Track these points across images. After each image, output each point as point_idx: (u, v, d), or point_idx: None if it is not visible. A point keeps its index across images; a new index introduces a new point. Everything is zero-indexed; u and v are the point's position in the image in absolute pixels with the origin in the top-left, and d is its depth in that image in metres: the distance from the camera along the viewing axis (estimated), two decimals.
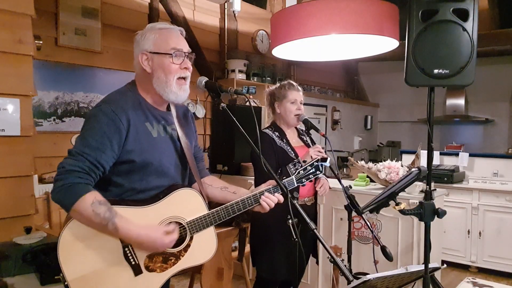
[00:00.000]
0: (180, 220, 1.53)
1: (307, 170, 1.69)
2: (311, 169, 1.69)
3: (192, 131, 1.73)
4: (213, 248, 1.59)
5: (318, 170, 1.70)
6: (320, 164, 1.70)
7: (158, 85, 1.52)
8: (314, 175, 1.70)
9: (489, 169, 4.49)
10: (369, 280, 1.29)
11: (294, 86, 2.52)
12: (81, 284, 1.42)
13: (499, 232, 4.11)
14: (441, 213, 1.78)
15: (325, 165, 1.71)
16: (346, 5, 2.89)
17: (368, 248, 3.05)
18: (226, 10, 4.92)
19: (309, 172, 1.69)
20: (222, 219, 1.57)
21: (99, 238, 1.43)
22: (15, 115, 2.55)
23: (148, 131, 1.53)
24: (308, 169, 1.69)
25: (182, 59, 1.53)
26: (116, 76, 3.85)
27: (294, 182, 1.66)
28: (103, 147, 1.42)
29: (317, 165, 1.70)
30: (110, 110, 1.45)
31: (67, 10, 3.51)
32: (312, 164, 1.70)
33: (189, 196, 1.57)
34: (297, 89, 2.51)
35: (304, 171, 1.69)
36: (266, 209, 1.58)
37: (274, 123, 2.54)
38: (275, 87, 2.57)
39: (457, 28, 1.77)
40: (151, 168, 1.51)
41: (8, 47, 2.52)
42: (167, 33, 1.55)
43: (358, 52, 3.69)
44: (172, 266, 1.53)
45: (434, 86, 1.84)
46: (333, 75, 7.36)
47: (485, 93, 6.52)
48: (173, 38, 1.54)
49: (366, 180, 3.39)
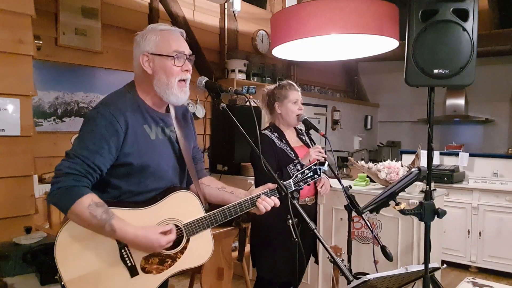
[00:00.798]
0: (177, 223, 1.53)
1: (305, 174, 1.69)
2: (309, 173, 1.69)
3: (191, 132, 1.73)
4: (209, 250, 1.60)
5: (316, 174, 1.70)
6: (318, 168, 1.70)
7: (159, 87, 1.52)
8: (312, 178, 1.70)
9: (489, 169, 4.49)
10: (369, 280, 1.29)
11: (294, 86, 2.52)
12: (78, 284, 1.42)
13: (499, 232, 4.11)
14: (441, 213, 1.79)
15: (323, 169, 1.71)
16: (346, 5, 2.89)
17: (368, 248, 3.05)
18: (226, 10, 4.92)
19: (307, 176, 1.69)
20: (219, 221, 1.57)
21: (96, 239, 1.43)
22: (15, 115, 2.55)
23: (146, 133, 1.52)
24: (306, 173, 1.69)
25: (183, 62, 1.54)
26: (116, 76, 3.85)
27: (292, 185, 1.67)
28: (101, 150, 1.41)
29: (315, 169, 1.70)
30: (109, 112, 1.44)
31: (67, 10, 3.51)
32: (310, 168, 1.70)
33: (186, 199, 1.57)
34: (297, 89, 2.51)
35: (302, 175, 1.69)
36: (262, 211, 1.58)
37: (273, 124, 2.54)
38: (274, 87, 2.55)
39: (457, 28, 1.77)
40: (149, 170, 1.51)
41: (8, 47, 2.51)
42: (168, 34, 1.54)
43: (358, 52, 3.69)
44: (169, 268, 1.53)
45: (434, 86, 1.84)
46: (333, 75, 7.36)
47: (485, 93, 6.52)
48: (174, 40, 1.54)
49: (366, 180, 3.39)
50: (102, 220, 1.37)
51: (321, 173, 1.71)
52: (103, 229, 1.38)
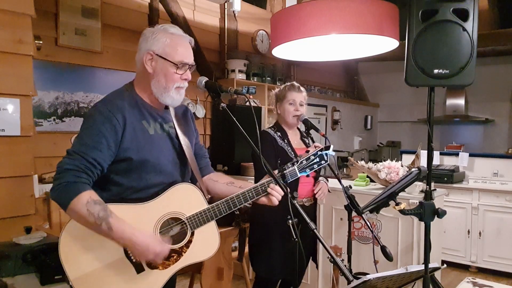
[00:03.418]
0: (180, 216, 1.53)
1: (310, 160, 1.61)
2: (315, 159, 1.60)
3: (191, 130, 1.74)
4: (216, 243, 1.57)
5: (323, 159, 1.61)
6: (325, 153, 1.60)
7: (156, 88, 1.54)
8: (318, 164, 1.60)
9: (489, 169, 4.49)
10: (369, 280, 1.29)
11: (294, 87, 2.52)
12: (84, 282, 1.42)
13: (499, 232, 4.11)
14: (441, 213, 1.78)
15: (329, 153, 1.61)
16: (346, 5, 2.89)
17: (368, 248, 3.05)
18: (226, 10, 4.92)
19: (312, 162, 1.60)
20: (223, 213, 1.55)
21: (100, 236, 1.42)
22: (15, 115, 2.55)
23: (145, 128, 1.54)
24: (312, 159, 1.60)
25: (185, 71, 1.55)
26: (116, 76, 3.85)
27: (297, 172, 1.60)
28: (100, 146, 1.43)
29: (321, 154, 1.60)
30: (106, 109, 1.47)
31: (67, 10, 3.51)
32: (316, 154, 1.60)
33: (187, 191, 1.56)
34: (297, 90, 2.51)
35: (306, 161, 1.61)
36: (273, 200, 1.54)
37: (277, 123, 2.56)
38: (280, 88, 2.59)
39: (457, 28, 1.77)
40: (149, 165, 1.51)
41: (8, 47, 2.52)
42: (178, 41, 1.55)
43: (358, 52, 3.69)
44: (175, 263, 1.52)
45: (434, 86, 1.84)
46: (333, 75, 7.36)
47: (485, 93, 6.53)
48: (182, 49, 1.54)
49: (366, 180, 3.39)
50: (99, 218, 1.37)
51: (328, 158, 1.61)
52: (100, 227, 1.38)
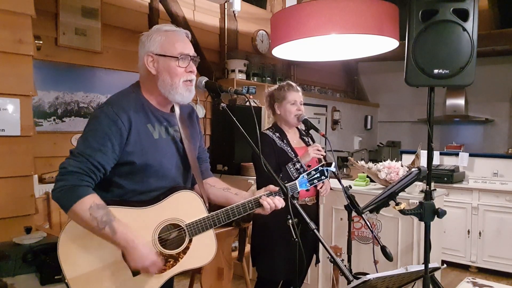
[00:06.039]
0: (179, 222, 1.53)
1: (311, 175, 1.65)
2: (316, 174, 1.65)
3: (196, 131, 1.73)
4: (213, 251, 1.59)
5: (323, 175, 1.65)
6: (326, 169, 1.65)
7: (163, 87, 1.53)
8: (318, 180, 1.65)
9: (489, 169, 4.48)
10: (369, 280, 1.29)
11: (293, 87, 2.52)
12: (81, 282, 1.43)
13: (499, 232, 4.11)
14: (441, 213, 1.78)
15: (330, 170, 1.67)
16: (346, 5, 2.89)
17: (368, 248, 3.05)
18: (226, 10, 4.92)
19: (313, 177, 1.65)
20: (221, 222, 1.57)
21: (99, 237, 1.43)
22: (15, 115, 2.55)
23: (150, 132, 1.53)
24: (312, 174, 1.65)
25: (187, 63, 1.54)
26: (116, 76, 3.85)
27: (297, 186, 1.64)
28: (105, 149, 1.42)
29: (322, 170, 1.65)
30: (112, 111, 1.46)
31: (67, 10, 3.51)
32: (317, 169, 1.65)
33: (189, 199, 1.56)
34: (296, 89, 2.51)
35: (308, 176, 1.65)
36: (266, 208, 1.57)
37: (275, 124, 2.55)
38: (274, 88, 2.57)
39: (457, 28, 1.77)
40: (151, 169, 1.51)
41: (8, 47, 2.51)
42: (173, 36, 1.55)
43: (358, 52, 3.69)
44: (171, 268, 1.53)
45: (434, 86, 1.84)
46: (333, 75, 7.36)
47: (485, 93, 6.52)
48: (179, 42, 1.54)
49: (366, 180, 3.39)
50: (102, 222, 1.38)
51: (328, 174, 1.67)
52: (102, 231, 1.39)
